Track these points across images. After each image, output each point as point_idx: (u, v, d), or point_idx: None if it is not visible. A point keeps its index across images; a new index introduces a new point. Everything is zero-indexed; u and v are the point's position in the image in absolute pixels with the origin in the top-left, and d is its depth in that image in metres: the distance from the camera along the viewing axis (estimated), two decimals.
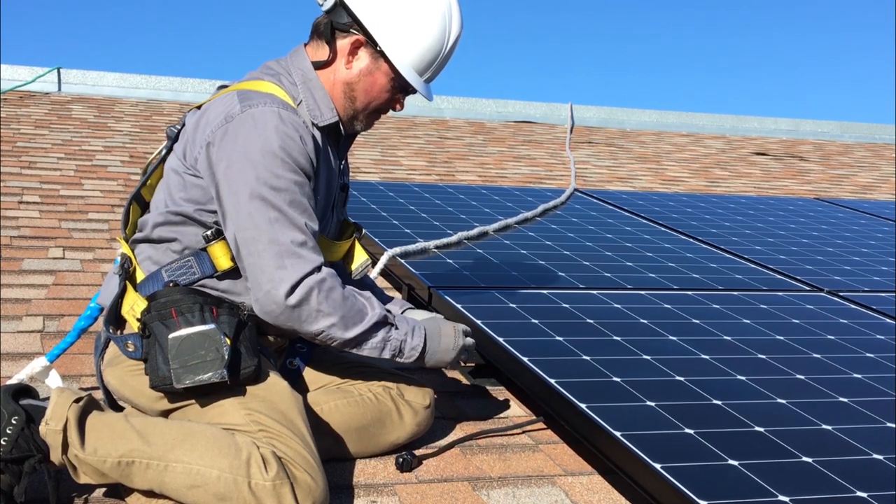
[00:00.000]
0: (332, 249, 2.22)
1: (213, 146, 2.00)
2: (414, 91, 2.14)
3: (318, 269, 1.99)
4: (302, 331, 2.00)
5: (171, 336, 1.89)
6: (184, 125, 2.17)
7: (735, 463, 1.97)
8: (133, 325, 2.00)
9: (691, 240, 4.16)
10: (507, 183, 5.75)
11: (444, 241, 3.60)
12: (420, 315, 2.30)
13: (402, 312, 2.32)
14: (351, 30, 2.07)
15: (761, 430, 2.15)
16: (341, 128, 2.15)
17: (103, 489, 1.92)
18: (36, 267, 3.38)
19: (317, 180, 2.08)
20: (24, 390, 1.90)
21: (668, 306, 3.07)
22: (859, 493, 1.89)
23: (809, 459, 2.02)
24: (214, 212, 2.04)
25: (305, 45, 2.16)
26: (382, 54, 2.07)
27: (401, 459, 2.11)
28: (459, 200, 4.51)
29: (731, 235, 4.33)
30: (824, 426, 2.21)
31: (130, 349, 1.96)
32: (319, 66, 2.11)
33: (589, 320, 2.83)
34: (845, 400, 2.39)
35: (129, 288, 2.06)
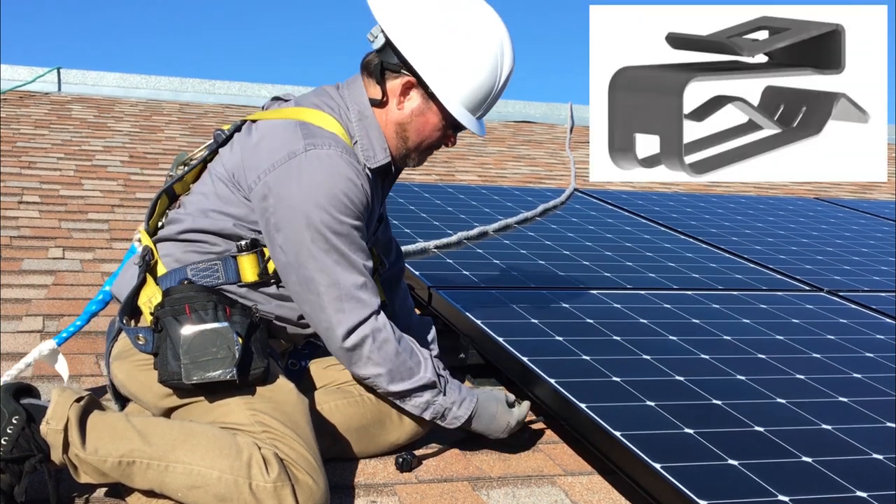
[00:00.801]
0: None
1: (274, 181, 1.98)
2: (465, 128, 2.12)
3: (377, 313, 2.02)
4: (351, 371, 2.07)
5: (183, 331, 1.89)
6: (233, 133, 2.14)
7: (735, 463, 1.97)
8: (147, 318, 2.00)
9: (691, 239, 4.16)
10: (506, 183, 5.75)
11: (444, 241, 3.60)
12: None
13: None
14: (402, 70, 2.05)
15: (761, 430, 2.15)
16: (392, 166, 2.15)
17: (104, 489, 1.92)
18: (36, 267, 3.38)
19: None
20: (24, 389, 1.90)
21: (668, 306, 3.07)
22: (859, 493, 1.89)
23: (809, 459, 2.02)
24: (253, 229, 2.04)
25: (362, 73, 2.12)
26: (433, 95, 2.05)
27: (401, 459, 2.11)
28: (459, 200, 4.51)
29: (731, 235, 4.33)
30: (824, 426, 2.21)
31: (141, 342, 1.96)
32: (374, 103, 2.09)
33: (589, 320, 2.83)
34: (845, 400, 2.39)
35: (149, 280, 2.05)
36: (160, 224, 2.19)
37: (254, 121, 2.13)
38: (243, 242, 2.04)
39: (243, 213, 2.04)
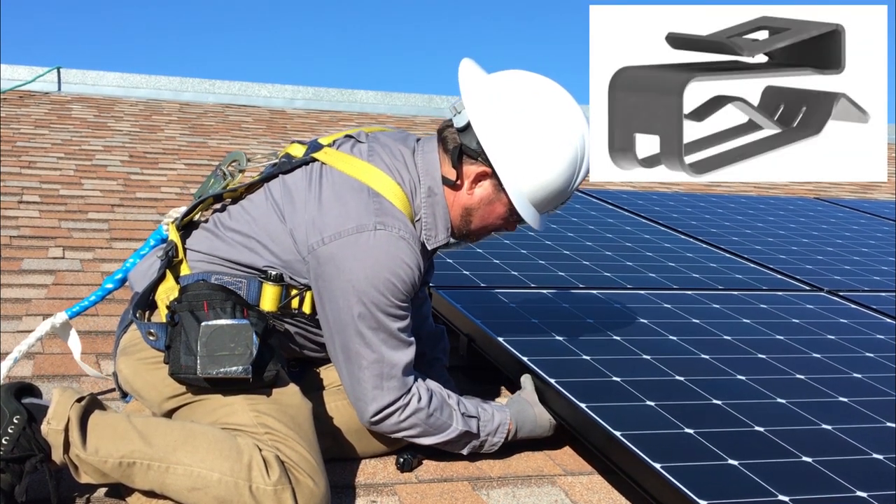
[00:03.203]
0: None
1: (337, 250, 1.97)
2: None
3: (410, 389, 2.04)
4: (386, 435, 2.10)
5: (203, 323, 1.87)
6: (301, 164, 2.11)
7: (735, 463, 1.97)
8: (162, 313, 1.98)
9: (691, 239, 4.16)
10: None
11: None
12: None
13: None
14: (479, 158, 2.03)
15: (761, 429, 2.15)
16: (448, 241, 2.16)
17: (104, 489, 1.92)
18: (36, 267, 3.38)
19: None
20: (26, 388, 1.90)
21: (668, 306, 3.08)
22: (859, 493, 1.89)
23: (809, 459, 2.02)
24: (293, 277, 2.04)
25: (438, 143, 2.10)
26: (505, 190, 2.05)
27: (401, 459, 2.12)
28: None
29: (731, 235, 4.33)
30: (824, 426, 2.21)
31: (152, 338, 1.95)
32: (446, 182, 2.08)
33: (589, 320, 2.83)
34: (845, 400, 2.39)
35: (170, 276, 2.04)
36: (195, 219, 2.18)
37: (324, 163, 2.09)
38: (273, 273, 2.04)
39: (289, 259, 2.04)
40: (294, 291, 2.06)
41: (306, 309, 2.07)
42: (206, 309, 1.91)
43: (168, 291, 2.00)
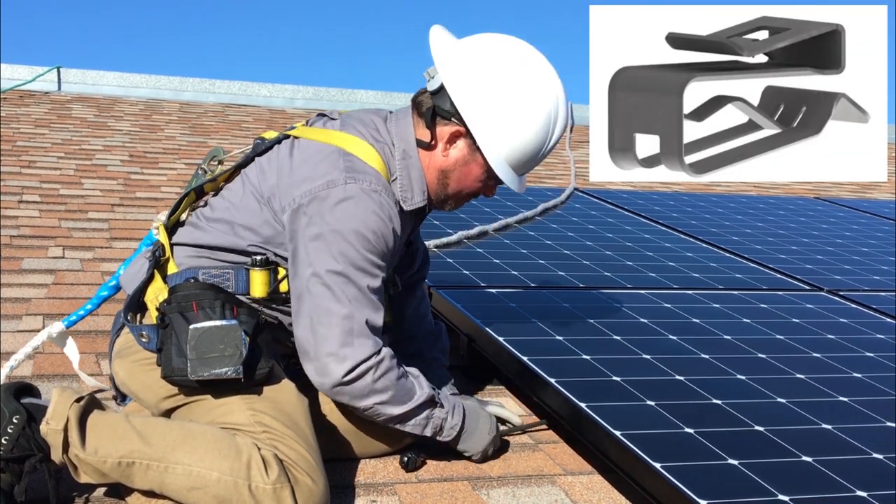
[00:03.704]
0: None
1: (310, 207, 1.97)
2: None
3: (381, 350, 1.99)
4: (351, 404, 2.00)
5: (192, 327, 1.87)
6: (273, 145, 2.12)
7: (735, 462, 1.97)
8: (153, 315, 1.99)
9: (691, 239, 4.16)
10: None
11: (444, 240, 3.60)
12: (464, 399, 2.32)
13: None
14: (453, 119, 2.03)
15: (761, 429, 2.15)
16: (427, 207, 2.14)
17: (103, 489, 1.92)
18: (36, 266, 3.38)
19: None
20: (25, 388, 1.90)
21: (669, 305, 3.08)
22: (859, 493, 1.89)
23: (809, 459, 2.02)
24: (276, 253, 2.04)
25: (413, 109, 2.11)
26: (480, 149, 2.04)
27: (406, 458, 2.11)
28: None
29: (731, 234, 4.33)
30: (824, 425, 2.21)
31: (144, 340, 1.95)
32: (421, 145, 2.07)
33: (589, 319, 2.83)
34: (845, 399, 2.39)
35: (157, 277, 2.04)
36: (182, 219, 2.18)
37: (296, 137, 2.11)
38: (258, 258, 2.03)
39: (269, 234, 2.03)
40: (282, 273, 2.05)
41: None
42: (195, 309, 1.91)
43: (157, 292, 2.01)
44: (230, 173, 2.18)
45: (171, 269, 2.06)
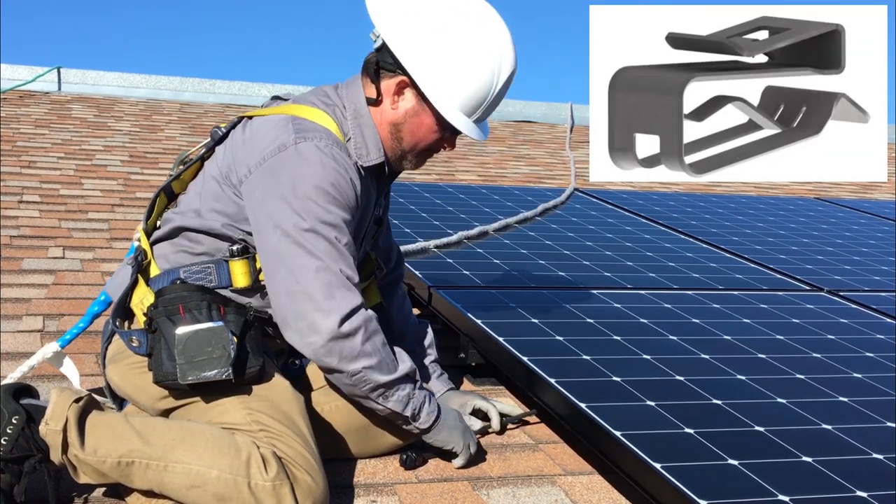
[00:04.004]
0: None
1: (263, 173, 1.97)
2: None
3: (364, 304, 1.97)
4: (339, 368, 1.94)
5: (178, 331, 1.88)
6: (230, 131, 2.14)
7: (735, 462, 1.97)
8: (140, 320, 1.99)
9: (691, 239, 4.16)
10: (506, 182, 5.75)
11: (444, 240, 3.60)
12: (457, 401, 2.32)
13: (447, 391, 2.35)
14: (397, 70, 2.02)
15: (761, 429, 2.15)
16: (386, 167, 2.12)
17: (103, 489, 1.92)
18: (36, 266, 3.38)
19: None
20: (24, 389, 1.90)
21: (669, 306, 3.07)
22: (859, 493, 1.89)
23: (809, 459, 2.02)
24: (244, 230, 2.03)
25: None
26: (426, 97, 2.02)
27: (405, 457, 2.11)
28: (459, 200, 4.51)
29: (731, 235, 4.33)
30: (824, 426, 2.21)
31: (135, 345, 1.95)
32: (371, 102, 2.07)
33: (589, 320, 2.83)
34: (845, 399, 2.39)
35: (141, 281, 2.05)
36: (158, 224, 2.19)
37: (250, 117, 2.13)
38: (235, 248, 2.02)
39: (234, 210, 2.03)
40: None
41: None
42: (182, 312, 1.92)
43: (142, 297, 2.01)
44: (195, 169, 2.19)
45: (154, 271, 2.07)
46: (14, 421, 1.80)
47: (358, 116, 2.07)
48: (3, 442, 1.78)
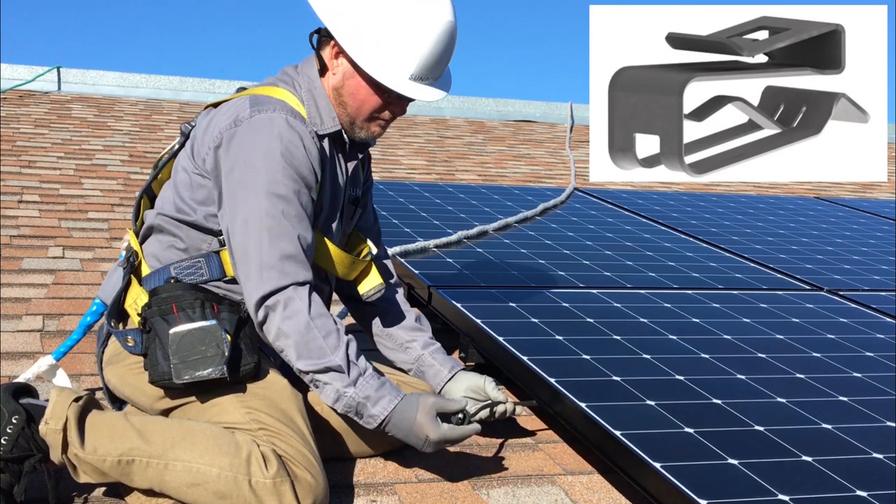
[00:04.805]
0: (345, 264, 2.18)
1: (220, 148, 2.00)
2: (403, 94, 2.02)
3: (299, 285, 1.94)
4: (270, 344, 1.98)
5: (171, 331, 1.89)
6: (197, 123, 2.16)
7: (735, 462, 1.97)
8: (135, 320, 2.00)
9: (691, 239, 4.16)
10: (506, 182, 5.75)
11: (444, 240, 3.60)
12: (466, 381, 2.22)
13: (453, 374, 2.26)
14: (331, 38, 2.03)
15: (761, 429, 2.15)
16: (344, 136, 2.12)
17: (103, 488, 1.92)
18: (36, 266, 3.38)
19: (321, 191, 2.07)
20: (24, 389, 1.90)
21: (668, 305, 3.07)
22: (859, 493, 1.89)
23: (809, 458, 2.02)
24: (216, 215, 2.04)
25: None
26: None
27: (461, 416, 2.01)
28: (459, 199, 4.51)
29: (731, 234, 4.33)
30: (824, 425, 2.21)
31: (130, 344, 1.96)
32: (321, 73, 2.08)
33: (589, 319, 2.83)
34: (845, 399, 2.39)
35: (134, 282, 2.05)
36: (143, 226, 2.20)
37: (215, 105, 2.15)
38: (223, 238, 2.04)
39: (204, 195, 2.05)
40: None
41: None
42: (175, 311, 1.92)
43: (135, 297, 2.02)
44: (170, 167, 2.20)
45: (145, 270, 2.08)
46: (14, 420, 1.80)
47: (312, 88, 2.08)
48: (3, 441, 1.78)
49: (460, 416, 2.03)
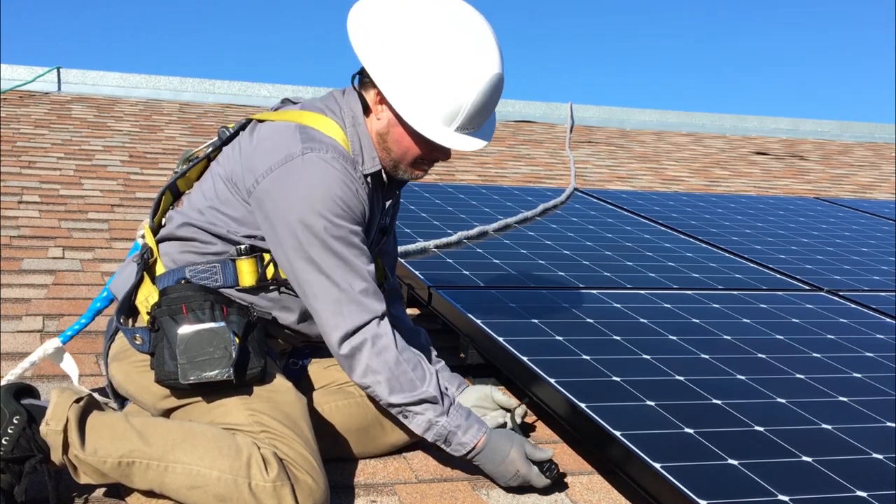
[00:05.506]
0: None
1: (271, 185, 1.96)
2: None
3: (379, 318, 1.98)
4: (352, 379, 2.02)
5: (180, 331, 1.88)
6: (238, 131, 2.13)
7: (735, 462, 1.97)
8: (145, 318, 1.99)
9: (691, 239, 4.16)
10: (506, 182, 5.75)
11: (444, 240, 3.60)
12: (474, 393, 2.25)
13: (458, 389, 2.28)
14: (374, 82, 1.99)
15: (761, 429, 2.15)
16: (384, 175, 2.10)
17: (103, 489, 1.92)
18: (36, 267, 3.38)
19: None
20: (25, 389, 1.90)
21: (668, 306, 3.07)
22: (859, 493, 1.89)
23: (809, 459, 2.02)
24: (250, 234, 2.03)
25: None
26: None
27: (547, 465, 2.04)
28: (459, 200, 4.51)
29: (731, 235, 4.33)
30: (824, 426, 2.21)
31: (138, 342, 1.95)
32: (364, 111, 2.05)
33: (589, 320, 2.83)
34: (845, 399, 2.39)
35: (147, 279, 2.04)
36: (163, 222, 2.19)
37: (260, 121, 2.12)
38: (242, 247, 2.03)
39: (241, 214, 2.03)
40: (268, 257, 2.05)
41: (283, 274, 2.05)
42: (185, 311, 1.92)
43: (147, 294, 2.01)
44: (201, 168, 2.20)
45: (160, 269, 2.07)
46: (15, 421, 1.80)
47: (356, 125, 2.06)
48: (3, 442, 1.78)
49: (546, 465, 2.05)
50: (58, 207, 4.24)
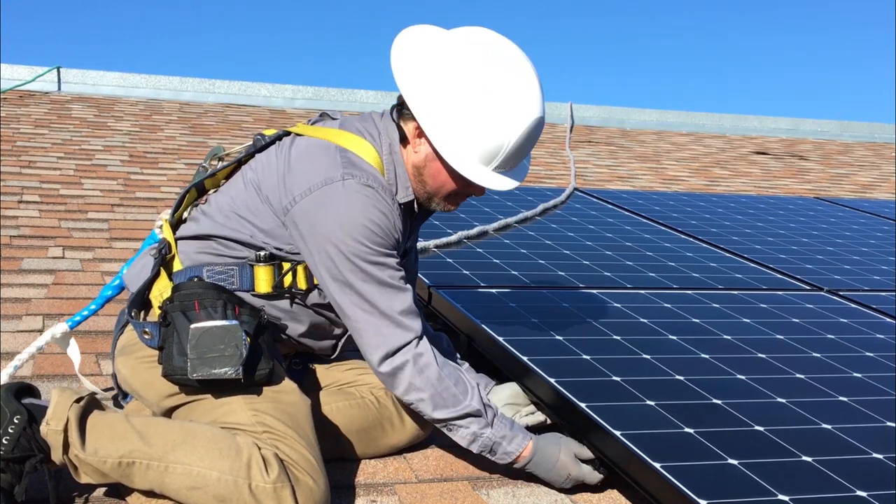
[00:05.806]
0: None
1: (309, 206, 1.96)
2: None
3: (419, 338, 2.00)
4: (395, 395, 2.05)
5: (192, 326, 1.88)
6: (274, 141, 2.12)
7: (735, 462, 1.97)
8: (156, 312, 1.99)
9: (691, 239, 4.16)
10: None
11: (444, 240, 3.60)
12: (506, 390, 2.28)
13: (489, 390, 2.31)
14: (412, 114, 1.99)
15: (761, 429, 2.16)
16: (415, 206, 2.11)
17: (103, 489, 1.92)
18: (36, 266, 3.38)
19: None
20: (26, 389, 1.90)
21: (668, 305, 3.08)
22: (859, 493, 1.89)
23: (809, 459, 2.02)
24: (276, 246, 2.03)
25: None
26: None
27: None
28: None
29: (731, 234, 4.33)
30: (824, 425, 2.21)
31: (147, 337, 1.95)
32: (402, 141, 2.05)
33: (589, 319, 2.83)
34: (845, 399, 2.39)
35: (163, 274, 2.04)
36: (184, 217, 2.18)
37: (298, 134, 2.10)
38: (262, 253, 2.03)
39: (270, 227, 2.03)
40: (286, 266, 2.05)
41: (301, 284, 2.06)
42: (197, 308, 1.91)
43: (162, 290, 2.01)
44: (230, 170, 2.19)
45: (177, 266, 2.06)
46: (16, 420, 1.80)
47: (392, 153, 2.06)
48: (4, 441, 1.78)
49: (594, 461, 2.08)
50: (58, 207, 4.24)
